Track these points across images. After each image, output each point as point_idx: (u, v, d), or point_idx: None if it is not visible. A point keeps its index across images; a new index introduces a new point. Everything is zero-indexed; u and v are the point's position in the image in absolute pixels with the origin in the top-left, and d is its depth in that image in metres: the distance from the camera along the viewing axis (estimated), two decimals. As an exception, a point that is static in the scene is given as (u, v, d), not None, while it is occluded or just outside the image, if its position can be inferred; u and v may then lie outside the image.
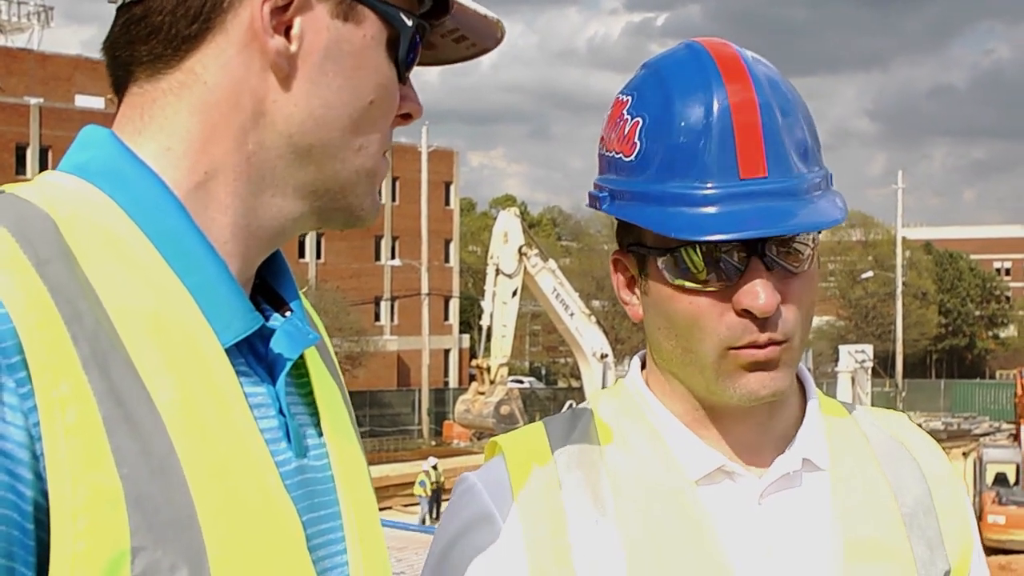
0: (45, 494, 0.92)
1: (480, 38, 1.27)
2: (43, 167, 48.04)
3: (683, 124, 1.43)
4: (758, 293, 1.40)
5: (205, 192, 1.10)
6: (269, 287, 1.21)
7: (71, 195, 1.07)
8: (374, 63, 1.15)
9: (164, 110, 1.10)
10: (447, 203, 64.56)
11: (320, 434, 1.19)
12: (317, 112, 1.12)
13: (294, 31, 1.11)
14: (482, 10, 1.23)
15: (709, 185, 1.41)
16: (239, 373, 1.09)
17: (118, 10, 1.13)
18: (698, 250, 1.42)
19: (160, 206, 1.08)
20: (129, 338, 0.99)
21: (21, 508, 0.92)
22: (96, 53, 1.21)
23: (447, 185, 64.51)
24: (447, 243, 64.42)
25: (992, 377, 79.65)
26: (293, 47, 1.11)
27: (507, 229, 33.47)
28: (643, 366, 1.61)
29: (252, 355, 1.13)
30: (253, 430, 1.07)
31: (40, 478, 0.92)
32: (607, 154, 1.53)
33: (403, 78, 1.19)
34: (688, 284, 1.44)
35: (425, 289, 51.40)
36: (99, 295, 1.00)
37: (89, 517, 0.92)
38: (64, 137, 47.64)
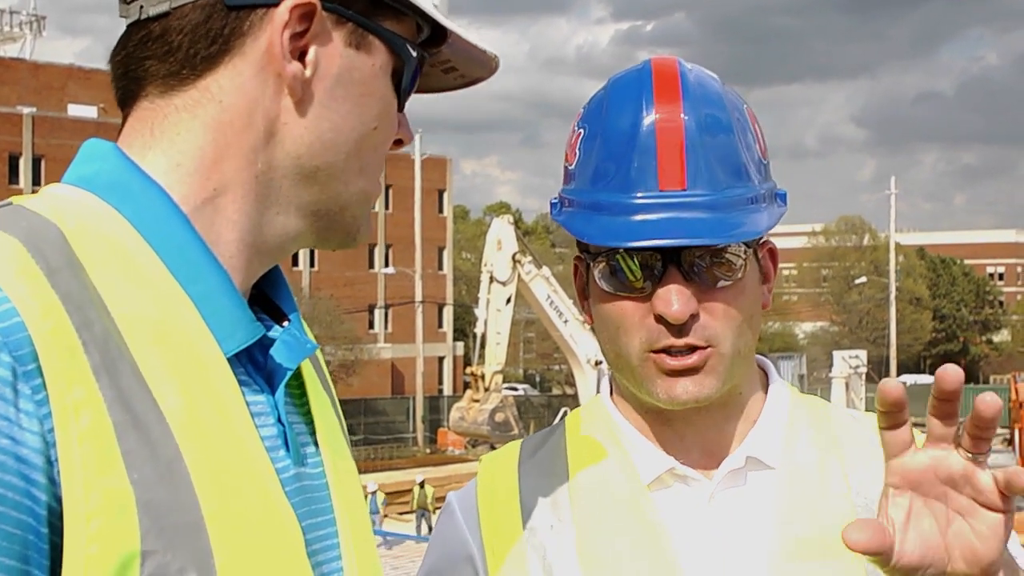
0: (58, 499, 0.94)
1: (470, 69, 1.30)
2: (36, 176, 47.97)
3: (613, 136, 1.49)
4: (671, 301, 1.45)
5: (213, 208, 1.12)
6: (266, 298, 1.23)
7: (77, 207, 1.08)
8: (380, 91, 1.18)
9: (176, 126, 1.12)
10: (440, 211, 64.57)
11: (315, 443, 1.21)
12: (326, 136, 1.15)
13: (309, 56, 1.13)
14: (478, 42, 1.25)
15: (631, 195, 1.46)
16: (240, 382, 1.10)
17: (132, 25, 1.14)
18: (634, 258, 1.47)
19: (164, 218, 1.10)
20: (135, 346, 1.02)
21: (36, 513, 0.94)
22: (89, 63, 1.21)
23: (440, 193, 64.53)
24: (440, 251, 64.41)
25: (986, 382, 79.63)
26: (308, 72, 1.13)
27: (501, 236, 33.46)
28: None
29: (252, 364, 1.15)
30: (254, 437, 1.09)
31: (54, 483, 0.94)
32: (563, 163, 1.59)
33: (402, 106, 1.23)
34: (615, 291, 1.49)
35: (419, 297, 51.36)
36: (106, 303, 1.02)
37: (101, 521, 0.94)
38: (57, 146, 47.60)
